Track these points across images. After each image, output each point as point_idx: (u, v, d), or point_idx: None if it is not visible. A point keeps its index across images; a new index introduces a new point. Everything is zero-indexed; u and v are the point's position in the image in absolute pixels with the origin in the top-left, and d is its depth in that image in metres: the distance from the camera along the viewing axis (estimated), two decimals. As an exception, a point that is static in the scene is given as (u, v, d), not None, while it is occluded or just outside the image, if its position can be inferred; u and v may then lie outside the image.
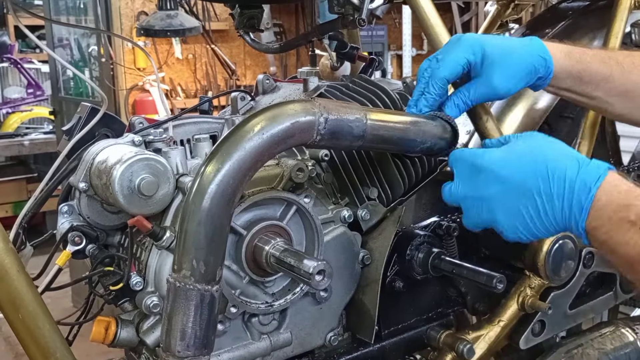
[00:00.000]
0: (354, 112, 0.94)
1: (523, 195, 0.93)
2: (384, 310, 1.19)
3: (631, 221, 0.85)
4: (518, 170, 0.93)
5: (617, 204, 0.87)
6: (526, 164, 0.93)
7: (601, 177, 0.89)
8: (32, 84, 6.81)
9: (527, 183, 0.92)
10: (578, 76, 1.13)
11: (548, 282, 1.36)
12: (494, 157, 0.97)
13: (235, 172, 0.84)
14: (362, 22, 1.20)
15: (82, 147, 1.14)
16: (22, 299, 1.01)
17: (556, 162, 0.92)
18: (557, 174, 0.90)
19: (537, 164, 0.92)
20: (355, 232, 1.17)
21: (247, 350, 1.09)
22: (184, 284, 0.85)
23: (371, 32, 5.73)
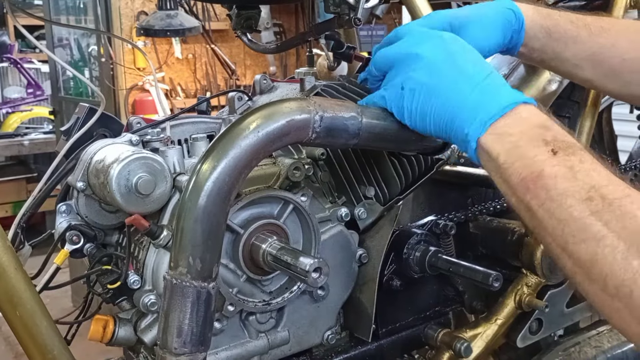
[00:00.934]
0: (349, 110, 0.94)
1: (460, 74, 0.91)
2: (382, 309, 1.20)
3: (545, 140, 0.82)
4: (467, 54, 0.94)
5: (538, 122, 0.85)
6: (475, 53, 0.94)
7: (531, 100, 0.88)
8: (32, 84, 6.83)
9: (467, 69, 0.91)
10: (548, 32, 1.13)
11: (545, 280, 1.36)
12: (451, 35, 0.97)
13: (231, 169, 0.85)
14: (357, 22, 1.20)
15: (80, 147, 1.15)
16: (20, 297, 1.01)
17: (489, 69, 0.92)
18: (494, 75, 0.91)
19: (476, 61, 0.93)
20: (352, 230, 1.17)
21: (244, 348, 1.10)
22: (181, 281, 0.85)
23: (371, 32, 5.73)
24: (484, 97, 0.88)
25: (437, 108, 0.91)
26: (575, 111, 1.53)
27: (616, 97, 1.38)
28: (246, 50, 5.69)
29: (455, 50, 0.94)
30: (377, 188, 1.18)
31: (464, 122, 0.88)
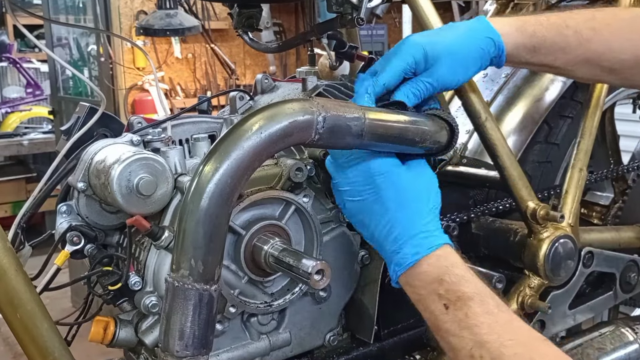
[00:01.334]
0: (352, 111, 0.94)
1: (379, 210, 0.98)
2: (384, 310, 1.19)
3: (439, 294, 0.93)
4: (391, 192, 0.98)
5: (434, 276, 0.94)
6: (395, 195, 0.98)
7: (432, 248, 0.95)
8: (31, 84, 6.82)
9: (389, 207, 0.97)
10: (532, 49, 1.11)
11: (547, 281, 1.35)
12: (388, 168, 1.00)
13: (234, 171, 0.84)
14: (360, 21, 1.20)
15: (80, 147, 1.14)
16: (20, 298, 1.00)
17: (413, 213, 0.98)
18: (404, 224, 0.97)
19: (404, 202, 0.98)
20: (354, 231, 1.16)
21: (246, 350, 1.09)
22: (183, 283, 0.84)
23: (371, 31, 5.72)
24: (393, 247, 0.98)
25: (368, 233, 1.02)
26: (578, 111, 1.52)
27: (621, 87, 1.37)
28: (246, 49, 5.68)
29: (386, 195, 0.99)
30: (379, 189, 1.17)
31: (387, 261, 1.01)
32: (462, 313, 0.90)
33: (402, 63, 1.04)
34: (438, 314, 0.92)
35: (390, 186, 0.98)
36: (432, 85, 1.06)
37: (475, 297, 0.91)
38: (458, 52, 1.06)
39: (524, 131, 1.50)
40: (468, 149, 1.49)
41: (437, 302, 0.93)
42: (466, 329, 0.89)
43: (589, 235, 1.47)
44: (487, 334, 0.88)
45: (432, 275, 0.94)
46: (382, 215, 0.98)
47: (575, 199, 1.36)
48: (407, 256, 0.96)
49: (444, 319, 0.92)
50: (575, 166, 1.38)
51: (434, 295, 0.93)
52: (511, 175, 1.25)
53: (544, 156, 1.54)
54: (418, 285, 0.95)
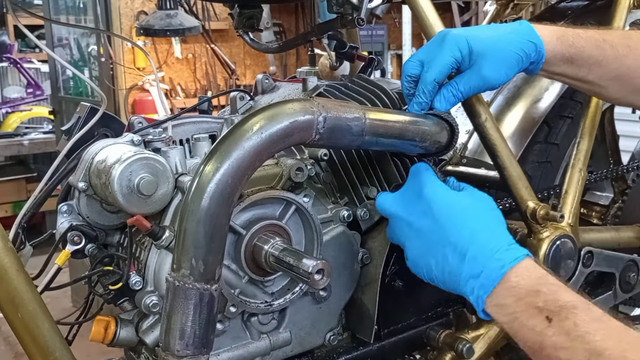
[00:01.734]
0: (352, 111, 0.94)
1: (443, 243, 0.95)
2: (384, 310, 1.19)
3: (538, 307, 0.86)
4: (451, 219, 0.96)
5: (527, 288, 0.88)
6: (460, 218, 0.96)
7: (517, 260, 0.90)
8: (32, 84, 6.81)
9: (451, 236, 0.95)
10: (570, 59, 1.11)
11: (547, 281, 1.35)
12: (440, 195, 0.98)
13: (234, 171, 0.84)
14: (360, 22, 1.20)
15: (81, 146, 1.14)
16: (21, 298, 1.00)
17: (485, 231, 0.94)
18: (480, 242, 0.93)
19: (468, 224, 0.95)
20: (355, 231, 1.17)
21: (246, 349, 1.09)
22: (183, 283, 0.85)
23: (371, 31, 5.73)
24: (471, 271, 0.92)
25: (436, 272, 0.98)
26: (577, 111, 1.52)
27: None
28: (246, 49, 5.69)
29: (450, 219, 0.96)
30: (379, 189, 1.18)
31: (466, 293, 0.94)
32: (570, 322, 0.82)
33: (450, 57, 1.04)
34: (541, 329, 0.84)
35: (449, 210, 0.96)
36: (477, 85, 1.06)
37: (580, 304, 0.84)
38: (502, 50, 1.06)
39: (524, 131, 1.51)
40: (468, 149, 1.49)
41: (537, 315, 0.85)
42: (578, 339, 0.81)
43: (588, 235, 1.47)
44: (602, 340, 0.80)
45: (525, 287, 0.88)
46: (451, 243, 0.94)
47: (575, 198, 1.36)
48: (492, 273, 0.90)
49: (549, 333, 0.83)
50: (575, 166, 1.38)
51: (532, 309, 0.86)
52: (511, 175, 1.25)
53: (543, 156, 1.54)
54: (510, 303, 0.88)
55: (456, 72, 1.09)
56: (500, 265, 0.90)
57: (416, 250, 0.99)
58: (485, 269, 0.91)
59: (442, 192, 0.99)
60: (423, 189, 1.00)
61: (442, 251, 0.95)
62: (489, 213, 0.98)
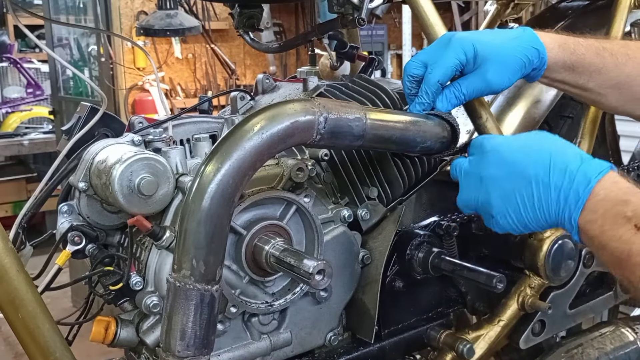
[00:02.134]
0: (353, 111, 0.94)
1: (522, 181, 0.94)
2: (384, 310, 1.19)
3: (627, 217, 0.85)
4: (522, 156, 0.95)
5: (615, 199, 0.87)
6: (530, 151, 0.95)
7: (602, 173, 0.89)
8: (32, 84, 6.81)
9: (528, 170, 0.93)
10: (571, 67, 1.12)
11: (548, 281, 1.36)
12: (500, 140, 0.99)
13: (235, 171, 0.84)
14: (361, 22, 1.20)
15: (81, 146, 1.14)
16: (21, 298, 1.00)
17: (559, 155, 0.93)
18: (558, 165, 0.92)
19: (541, 153, 0.94)
20: (355, 231, 1.17)
21: (247, 350, 1.09)
22: (184, 283, 0.85)
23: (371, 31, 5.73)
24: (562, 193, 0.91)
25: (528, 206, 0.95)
26: (578, 112, 1.52)
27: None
28: (246, 49, 5.68)
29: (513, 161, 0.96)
30: (380, 189, 1.18)
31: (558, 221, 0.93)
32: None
33: (454, 59, 1.05)
34: (629, 237, 0.84)
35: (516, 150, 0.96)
36: (480, 88, 1.07)
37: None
38: (506, 55, 1.07)
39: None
40: (469, 149, 1.49)
41: (626, 224, 0.85)
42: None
43: (589, 235, 1.47)
44: None
45: (613, 199, 0.87)
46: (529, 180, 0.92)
47: (576, 199, 1.36)
48: (578, 191, 0.89)
49: (638, 240, 0.83)
50: (576, 166, 1.38)
51: (621, 218, 0.85)
52: (512, 175, 1.25)
53: (544, 156, 1.54)
54: (599, 217, 0.87)
55: (459, 74, 1.09)
56: (587, 181, 0.89)
57: (499, 201, 0.97)
58: (571, 190, 0.90)
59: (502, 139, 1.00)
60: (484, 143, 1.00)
61: (526, 189, 0.93)
62: (552, 139, 0.98)
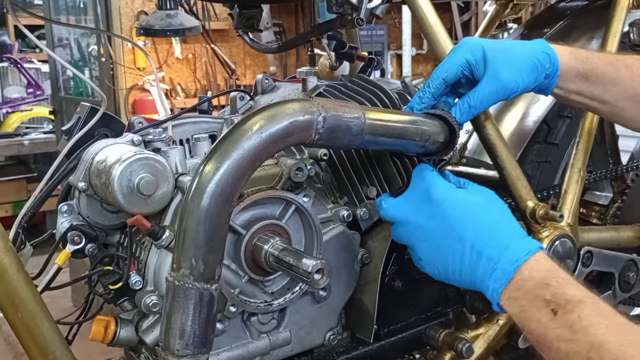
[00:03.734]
0: (352, 111, 0.94)
1: (457, 241, 0.96)
2: (383, 310, 1.19)
3: (546, 300, 0.87)
4: (463, 218, 0.97)
5: (537, 281, 0.89)
6: (472, 216, 0.97)
7: (530, 253, 0.92)
8: (32, 84, 6.82)
9: (465, 234, 0.96)
10: (585, 76, 1.11)
11: (547, 281, 1.36)
12: (449, 195, 0.99)
13: (234, 171, 0.84)
14: (360, 22, 1.20)
15: (81, 146, 1.14)
16: (21, 298, 1.01)
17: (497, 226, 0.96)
18: (494, 237, 0.95)
19: (480, 221, 0.96)
20: (354, 231, 1.17)
21: (246, 349, 1.10)
22: (183, 282, 0.85)
23: (371, 31, 5.74)
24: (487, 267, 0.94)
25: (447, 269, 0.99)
26: (577, 111, 1.52)
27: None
28: (246, 50, 5.69)
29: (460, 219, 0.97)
30: (379, 189, 1.18)
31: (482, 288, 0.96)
32: (575, 315, 0.83)
33: (461, 57, 1.06)
34: (546, 321, 0.86)
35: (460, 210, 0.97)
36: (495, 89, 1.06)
37: (587, 299, 0.85)
38: (516, 55, 1.07)
39: (524, 131, 1.51)
40: (468, 149, 1.50)
41: (544, 308, 0.86)
42: (580, 332, 0.82)
43: (588, 234, 1.48)
44: (605, 334, 0.80)
45: (536, 280, 0.89)
46: (465, 244, 0.95)
47: (575, 198, 1.36)
48: (505, 267, 0.91)
49: (553, 325, 0.85)
50: (575, 166, 1.38)
51: (540, 301, 0.87)
52: (510, 175, 1.25)
53: (543, 156, 1.54)
54: (520, 295, 0.90)
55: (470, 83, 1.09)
56: (515, 260, 0.91)
57: (429, 251, 1.00)
58: (499, 264, 0.92)
59: (450, 192, 1.00)
60: (430, 189, 1.00)
61: (458, 250, 0.96)
62: (498, 208, 1.00)
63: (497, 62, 1.06)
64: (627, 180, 1.81)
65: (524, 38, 1.70)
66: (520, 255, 0.91)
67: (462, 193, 1.00)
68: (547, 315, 0.86)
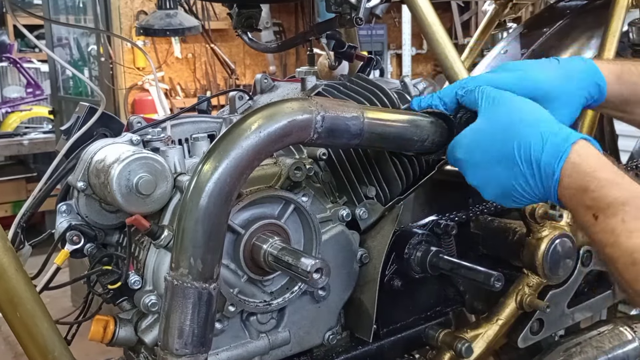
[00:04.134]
0: (351, 110, 0.94)
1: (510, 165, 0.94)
2: (383, 309, 1.19)
3: (587, 206, 0.87)
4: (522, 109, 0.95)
5: (576, 187, 0.89)
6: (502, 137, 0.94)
7: (563, 157, 0.89)
8: (32, 84, 6.82)
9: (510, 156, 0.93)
10: (626, 100, 1.11)
11: (546, 280, 1.36)
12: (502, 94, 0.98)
13: (233, 170, 0.84)
14: (359, 21, 1.20)
15: (80, 146, 1.14)
16: (20, 297, 1.01)
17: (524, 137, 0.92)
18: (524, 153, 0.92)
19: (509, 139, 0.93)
20: (354, 230, 1.17)
21: (245, 349, 1.10)
22: (182, 282, 0.85)
23: (371, 31, 5.73)
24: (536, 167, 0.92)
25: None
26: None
27: None
28: (246, 49, 5.69)
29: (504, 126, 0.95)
30: (378, 188, 1.18)
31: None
32: (617, 220, 0.83)
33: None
34: (589, 226, 0.87)
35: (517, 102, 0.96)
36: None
37: (631, 200, 0.84)
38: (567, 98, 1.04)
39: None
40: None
41: (586, 213, 0.87)
42: (624, 235, 0.82)
43: (587, 234, 1.47)
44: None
45: (574, 186, 0.88)
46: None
47: (574, 198, 1.36)
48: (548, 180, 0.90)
49: (595, 230, 0.86)
50: (574, 165, 1.38)
51: (582, 207, 0.88)
52: (510, 174, 1.25)
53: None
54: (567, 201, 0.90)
55: None
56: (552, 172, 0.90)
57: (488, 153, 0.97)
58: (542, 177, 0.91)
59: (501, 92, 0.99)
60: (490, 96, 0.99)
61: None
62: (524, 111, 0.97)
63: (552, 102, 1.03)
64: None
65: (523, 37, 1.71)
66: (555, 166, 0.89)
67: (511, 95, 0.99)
68: (590, 221, 0.87)
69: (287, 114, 0.88)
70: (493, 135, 0.95)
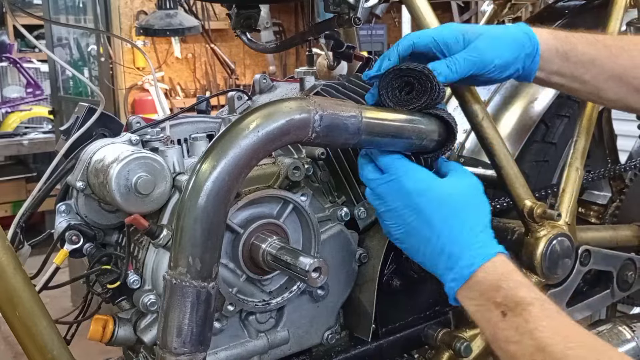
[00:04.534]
0: (349, 109, 0.94)
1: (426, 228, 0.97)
2: (381, 309, 1.20)
3: (496, 302, 0.90)
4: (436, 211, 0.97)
5: (490, 283, 0.92)
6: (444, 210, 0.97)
7: (487, 257, 0.94)
8: (32, 84, 6.82)
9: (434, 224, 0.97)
10: (565, 56, 1.11)
11: (545, 280, 1.36)
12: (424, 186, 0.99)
13: (231, 169, 0.84)
14: (357, 21, 1.20)
15: (79, 146, 1.15)
16: (19, 297, 1.01)
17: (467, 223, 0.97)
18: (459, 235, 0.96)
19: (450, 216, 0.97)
20: (352, 230, 1.17)
21: (244, 348, 1.10)
22: (180, 281, 0.85)
23: (371, 31, 5.73)
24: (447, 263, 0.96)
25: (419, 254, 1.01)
26: (575, 110, 1.52)
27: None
28: (246, 49, 5.68)
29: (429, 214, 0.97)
30: (376, 188, 1.18)
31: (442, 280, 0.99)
32: (522, 318, 0.87)
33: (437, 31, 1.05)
34: (496, 322, 0.90)
35: (431, 204, 0.97)
36: (473, 60, 1.03)
37: (535, 302, 0.88)
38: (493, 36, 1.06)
39: (521, 130, 1.51)
40: (465, 148, 1.50)
41: (495, 310, 0.90)
42: (526, 334, 0.86)
43: (586, 233, 1.48)
44: (549, 337, 0.84)
45: (489, 283, 0.92)
46: (430, 236, 0.96)
47: (572, 197, 1.36)
48: (462, 270, 0.94)
49: (502, 327, 0.89)
50: (572, 165, 1.38)
51: (491, 303, 0.91)
52: (508, 174, 1.25)
53: (541, 155, 1.54)
54: (475, 296, 0.93)
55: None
56: (470, 264, 0.94)
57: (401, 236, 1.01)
58: (456, 266, 0.95)
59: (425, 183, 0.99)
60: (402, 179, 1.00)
61: (425, 238, 0.97)
62: (473, 203, 1.00)
63: (477, 38, 1.05)
64: (625, 180, 1.81)
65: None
66: (477, 260, 0.94)
67: (439, 185, 0.99)
68: (497, 317, 0.89)
69: (285, 113, 0.88)
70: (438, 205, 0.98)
